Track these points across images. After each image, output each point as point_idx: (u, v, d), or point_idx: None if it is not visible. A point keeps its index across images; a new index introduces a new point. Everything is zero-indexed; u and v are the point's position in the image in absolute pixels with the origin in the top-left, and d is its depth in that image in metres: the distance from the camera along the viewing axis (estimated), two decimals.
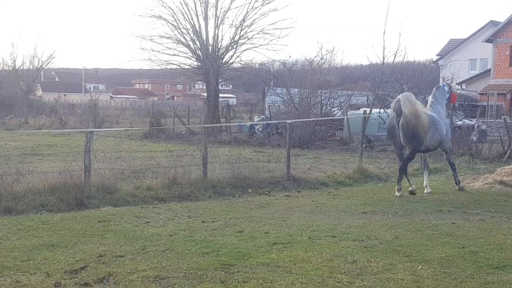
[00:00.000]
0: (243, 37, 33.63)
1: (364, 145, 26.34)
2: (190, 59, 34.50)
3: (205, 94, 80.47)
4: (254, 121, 32.11)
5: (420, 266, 7.47)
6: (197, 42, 33.68)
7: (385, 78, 27.73)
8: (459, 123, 30.51)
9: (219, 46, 34.06)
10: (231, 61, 34.24)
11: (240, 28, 33.40)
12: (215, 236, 8.96)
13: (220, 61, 32.91)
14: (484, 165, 20.29)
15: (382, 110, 26.93)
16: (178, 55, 34.04)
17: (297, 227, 9.73)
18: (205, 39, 33.54)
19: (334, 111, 29.99)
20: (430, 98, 15.60)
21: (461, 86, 50.82)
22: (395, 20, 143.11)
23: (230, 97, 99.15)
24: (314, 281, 6.84)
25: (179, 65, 34.41)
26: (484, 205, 12.30)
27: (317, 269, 7.27)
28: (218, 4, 33.57)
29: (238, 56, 34.34)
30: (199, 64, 33.75)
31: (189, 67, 33.45)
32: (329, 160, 21.36)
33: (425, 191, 14.06)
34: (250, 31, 33.74)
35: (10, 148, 22.31)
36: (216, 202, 12.67)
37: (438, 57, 60.78)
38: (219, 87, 36.05)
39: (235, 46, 33.94)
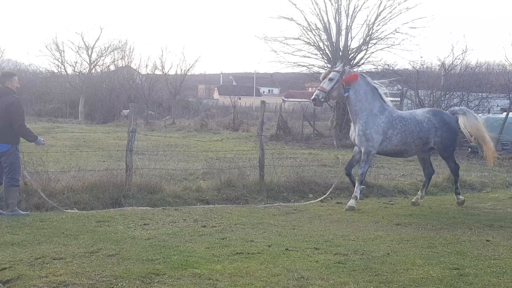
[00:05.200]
0: (374, 37, 32.21)
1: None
2: (320, 60, 33.73)
3: None
4: None
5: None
6: (327, 43, 32.84)
7: None
8: None
9: (349, 47, 32.97)
10: (362, 62, 32.92)
11: (372, 28, 32.04)
12: (192, 242, 8.35)
13: (352, 62, 31.74)
14: None
15: None
16: (309, 57, 33.38)
17: (291, 237, 8.89)
18: (335, 40, 32.60)
19: None
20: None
21: None
22: None
23: None
24: None
25: (307, 66, 33.67)
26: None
27: (249, 284, 6.48)
28: (350, 4, 32.50)
29: (369, 57, 32.94)
30: (329, 66, 32.83)
31: (320, 68, 32.63)
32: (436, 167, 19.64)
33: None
34: (383, 31, 32.27)
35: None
36: (250, 207, 12.07)
37: None
38: None
39: (366, 46, 32.62)
